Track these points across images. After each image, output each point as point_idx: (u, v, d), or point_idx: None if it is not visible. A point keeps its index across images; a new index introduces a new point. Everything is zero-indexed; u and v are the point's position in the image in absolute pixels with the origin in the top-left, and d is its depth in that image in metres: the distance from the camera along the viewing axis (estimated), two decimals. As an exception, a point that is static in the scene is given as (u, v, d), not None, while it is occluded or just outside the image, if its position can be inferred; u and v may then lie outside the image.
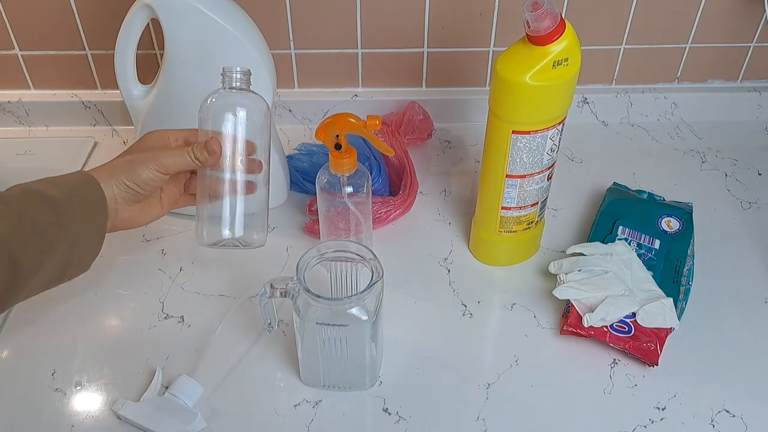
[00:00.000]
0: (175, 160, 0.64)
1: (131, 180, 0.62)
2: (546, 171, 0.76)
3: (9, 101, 1.05)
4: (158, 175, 0.64)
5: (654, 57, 1.05)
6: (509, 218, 0.80)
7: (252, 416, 0.68)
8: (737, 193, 0.96)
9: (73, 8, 0.98)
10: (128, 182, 0.62)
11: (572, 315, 0.74)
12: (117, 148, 1.04)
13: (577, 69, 0.69)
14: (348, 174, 0.74)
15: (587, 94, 1.08)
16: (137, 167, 0.63)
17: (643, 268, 0.79)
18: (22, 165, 1.01)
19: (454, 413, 0.69)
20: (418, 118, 1.03)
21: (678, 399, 0.70)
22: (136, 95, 0.84)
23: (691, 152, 1.04)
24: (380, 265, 0.63)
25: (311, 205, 0.90)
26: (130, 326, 0.78)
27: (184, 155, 0.64)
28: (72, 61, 1.03)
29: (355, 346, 0.66)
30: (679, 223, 0.86)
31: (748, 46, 1.05)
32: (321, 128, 0.72)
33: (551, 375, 0.72)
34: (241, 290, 0.81)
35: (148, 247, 0.87)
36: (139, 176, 0.63)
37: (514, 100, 0.69)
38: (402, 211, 0.90)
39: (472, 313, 0.79)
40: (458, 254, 0.87)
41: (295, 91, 1.07)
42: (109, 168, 0.63)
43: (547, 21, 0.64)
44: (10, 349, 0.75)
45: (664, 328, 0.73)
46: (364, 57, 1.04)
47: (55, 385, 0.71)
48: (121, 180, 0.62)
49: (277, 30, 0.99)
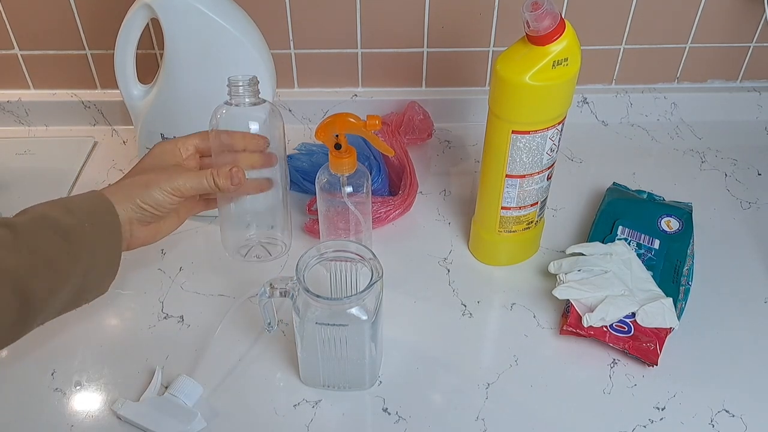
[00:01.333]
0: (194, 185, 0.62)
1: (146, 203, 0.61)
2: (546, 171, 0.76)
3: (9, 101, 1.06)
4: (174, 199, 0.62)
5: (654, 57, 1.05)
6: (509, 218, 0.80)
7: (252, 416, 0.68)
8: (737, 193, 0.96)
9: (73, 8, 0.98)
10: (144, 205, 0.61)
11: (572, 315, 0.74)
12: (117, 147, 1.05)
13: (576, 69, 0.69)
14: (348, 174, 0.74)
15: (587, 94, 1.08)
16: (153, 190, 0.61)
17: (642, 268, 0.79)
18: (22, 165, 1.01)
19: (453, 413, 0.69)
20: (418, 118, 1.03)
21: (678, 399, 0.70)
22: (135, 95, 0.84)
23: (691, 152, 1.04)
24: (380, 265, 0.63)
25: (311, 205, 0.90)
26: (130, 326, 0.78)
27: (203, 181, 0.62)
28: (72, 60, 1.03)
29: (355, 346, 0.66)
30: (678, 223, 0.86)
31: (748, 46, 1.05)
32: (321, 128, 0.72)
33: (551, 375, 0.72)
34: (241, 290, 0.81)
35: (147, 247, 0.87)
36: (155, 199, 0.61)
37: (514, 100, 0.69)
38: (402, 211, 0.90)
39: (471, 313, 0.79)
40: (458, 254, 0.87)
41: (295, 91, 1.07)
42: (123, 189, 0.61)
43: (546, 21, 0.64)
44: (10, 349, 0.75)
45: (663, 328, 0.73)
46: (364, 57, 1.04)
47: (54, 385, 0.71)
48: (136, 203, 0.60)
49: (277, 30, 0.99)
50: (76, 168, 1.00)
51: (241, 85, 0.66)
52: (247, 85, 0.66)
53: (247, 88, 0.66)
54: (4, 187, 0.96)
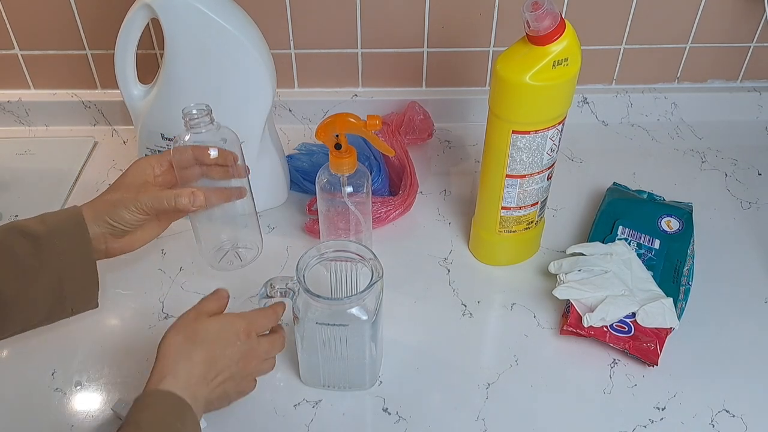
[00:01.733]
0: (155, 205, 0.66)
1: (114, 220, 0.65)
2: (546, 171, 0.76)
3: (9, 101, 1.06)
4: (140, 216, 0.66)
5: (654, 57, 1.05)
6: (509, 218, 0.80)
7: (252, 416, 0.68)
8: (737, 193, 0.96)
9: (73, 8, 0.98)
10: (112, 222, 0.65)
11: (572, 315, 0.74)
12: (117, 147, 1.05)
13: (577, 69, 0.69)
14: (348, 174, 0.74)
15: (587, 94, 1.08)
16: (119, 209, 0.65)
17: (642, 268, 0.79)
18: (22, 165, 1.01)
19: (454, 413, 0.69)
20: (419, 118, 1.03)
21: (678, 399, 0.70)
22: (136, 95, 0.84)
23: (691, 152, 1.04)
24: (380, 265, 0.63)
25: (311, 205, 0.90)
26: (130, 326, 0.78)
27: (163, 201, 0.66)
28: (72, 60, 1.03)
29: (355, 346, 0.66)
30: (679, 223, 0.86)
31: (748, 46, 1.05)
32: (321, 128, 0.72)
33: (551, 375, 0.72)
34: (242, 290, 0.80)
35: (148, 247, 0.86)
36: (122, 217, 0.65)
37: (514, 100, 0.69)
38: (402, 211, 0.90)
39: (472, 313, 0.79)
40: (458, 254, 0.87)
41: (295, 91, 1.07)
42: (96, 206, 0.66)
43: (547, 21, 0.64)
44: (10, 349, 0.75)
45: (664, 328, 0.73)
46: (364, 57, 1.04)
47: (55, 385, 0.71)
48: (105, 219, 0.65)
49: (277, 30, 0.99)
50: (77, 168, 1.00)
51: (194, 114, 0.68)
52: (200, 112, 0.68)
53: (201, 116, 0.68)
54: (5, 187, 0.96)
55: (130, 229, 0.67)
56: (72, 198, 0.94)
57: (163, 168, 0.70)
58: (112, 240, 0.66)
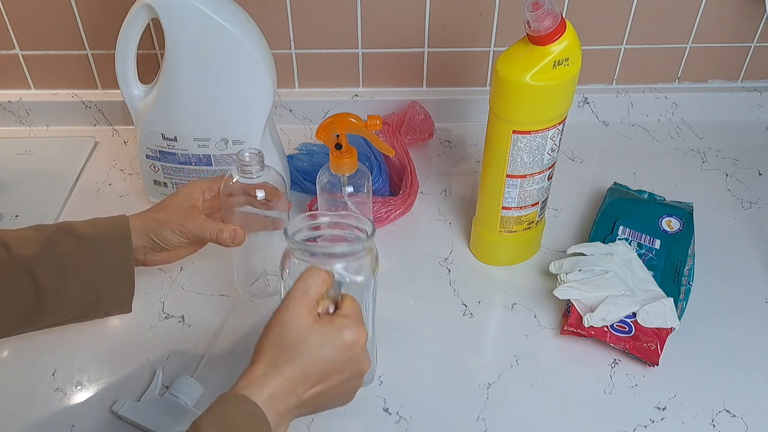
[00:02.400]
0: (201, 233, 0.69)
1: (157, 238, 0.68)
2: (546, 171, 0.76)
3: (9, 101, 1.06)
4: (182, 240, 0.69)
5: (654, 57, 1.05)
6: (510, 218, 0.80)
7: (252, 416, 0.68)
8: (738, 193, 0.96)
9: (73, 8, 0.98)
10: (155, 239, 0.68)
11: (573, 315, 0.74)
12: (118, 147, 1.05)
13: (577, 69, 0.69)
14: (348, 174, 0.74)
15: (588, 94, 1.08)
16: (164, 229, 0.68)
17: (643, 268, 0.79)
18: (22, 165, 1.01)
19: (454, 413, 0.69)
20: (419, 118, 1.03)
21: (678, 399, 0.70)
22: (136, 95, 0.84)
23: (692, 152, 1.04)
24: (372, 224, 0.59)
25: (311, 205, 0.90)
26: (131, 326, 0.78)
27: (206, 232, 0.69)
28: (72, 60, 1.03)
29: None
30: (679, 223, 0.86)
31: (749, 46, 1.05)
32: (321, 128, 0.72)
33: (551, 375, 0.72)
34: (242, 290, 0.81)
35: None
36: (165, 237, 0.68)
37: (515, 100, 0.69)
38: (402, 211, 0.90)
39: (472, 313, 0.79)
40: (459, 254, 0.87)
41: (296, 91, 1.07)
42: (143, 221, 0.69)
43: (547, 21, 0.64)
44: (10, 349, 0.75)
45: (664, 328, 0.73)
46: (365, 57, 1.04)
47: (55, 385, 0.71)
48: (149, 235, 0.68)
49: (277, 30, 0.99)
50: (77, 168, 1.00)
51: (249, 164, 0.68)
52: (255, 162, 0.69)
53: (255, 165, 0.69)
54: (5, 187, 0.96)
55: (170, 249, 0.70)
56: (72, 198, 0.94)
57: (212, 193, 0.74)
58: (151, 253, 0.70)
